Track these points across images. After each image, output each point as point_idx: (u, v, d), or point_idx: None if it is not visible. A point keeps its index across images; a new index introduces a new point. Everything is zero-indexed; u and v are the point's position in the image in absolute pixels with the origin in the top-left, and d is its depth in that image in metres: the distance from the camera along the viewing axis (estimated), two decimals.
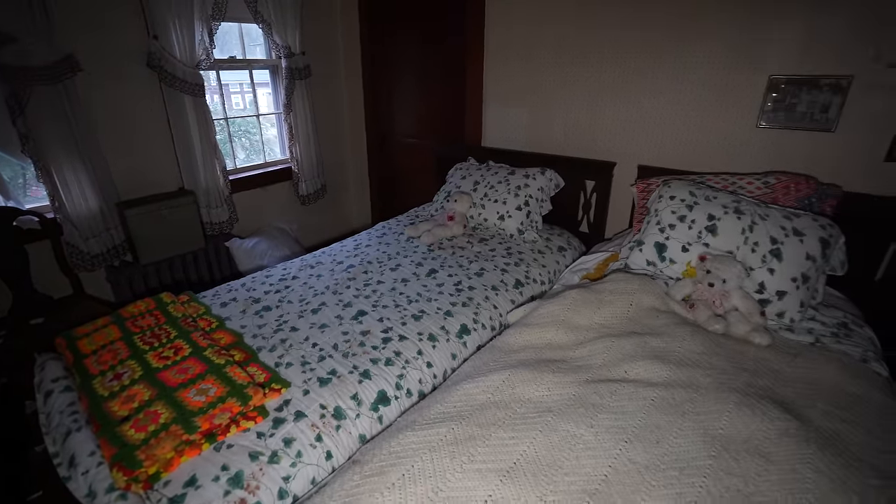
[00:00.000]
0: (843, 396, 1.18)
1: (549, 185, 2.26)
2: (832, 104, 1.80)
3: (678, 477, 0.92)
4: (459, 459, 0.97)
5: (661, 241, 1.69)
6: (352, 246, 2.23)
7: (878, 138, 1.75)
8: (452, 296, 1.70)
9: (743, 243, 1.56)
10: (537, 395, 1.15)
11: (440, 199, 2.50)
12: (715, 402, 1.11)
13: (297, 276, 1.93)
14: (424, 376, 1.39)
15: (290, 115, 3.05)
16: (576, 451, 0.98)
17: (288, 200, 3.35)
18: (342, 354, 1.40)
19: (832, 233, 1.56)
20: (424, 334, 1.49)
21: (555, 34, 2.35)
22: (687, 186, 1.76)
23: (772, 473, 0.93)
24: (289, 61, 2.90)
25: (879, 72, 1.69)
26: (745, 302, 1.48)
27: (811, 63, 1.81)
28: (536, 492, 0.89)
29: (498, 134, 2.74)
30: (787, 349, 1.38)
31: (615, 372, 1.23)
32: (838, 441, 1.02)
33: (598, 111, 2.33)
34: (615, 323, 1.44)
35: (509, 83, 2.59)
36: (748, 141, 1.99)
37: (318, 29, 3.19)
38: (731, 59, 1.95)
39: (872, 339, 1.48)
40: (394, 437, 1.06)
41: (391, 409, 1.28)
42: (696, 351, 1.31)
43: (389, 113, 3.38)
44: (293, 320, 1.59)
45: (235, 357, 1.36)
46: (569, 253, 2.19)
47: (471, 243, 2.12)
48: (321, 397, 1.23)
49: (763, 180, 1.83)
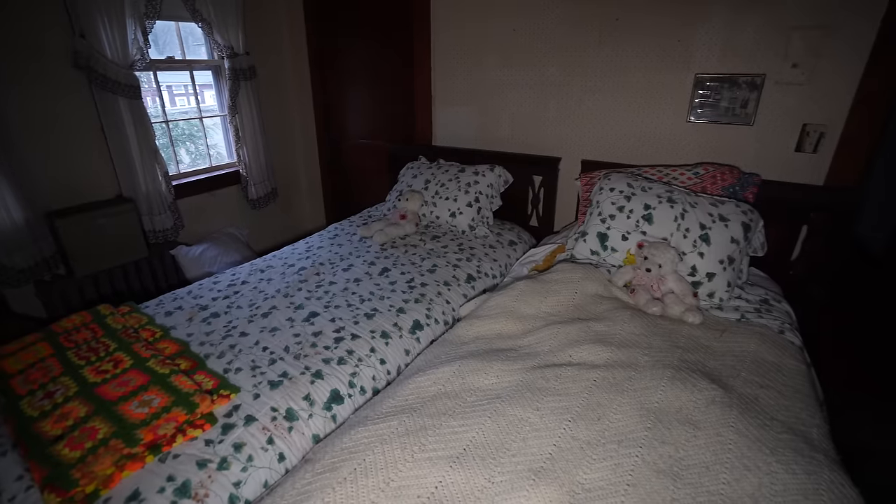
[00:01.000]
0: (762, 365, 1.29)
1: (498, 181, 2.32)
2: (750, 100, 1.96)
3: (616, 449, 0.98)
4: (410, 450, 0.99)
5: (602, 231, 1.78)
6: (303, 248, 2.20)
7: (790, 131, 1.91)
8: (405, 293, 1.72)
9: (676, 230, 1.67)
10: (487, 384, 1.19)
11: (392, 199, 2.51)
12: (651, 378, 1.19)
13: (246, 280, 1.89)
14: (378, 373, 1.40)
15: (235, 118, 2.96)
16: (523, 433, 1.03)
17: (237, 205, 3.25)
18: (294, 356, 1.39)
19: (752, 217, 1.69)
20: (377, 332, 1.50)
21: (499, 35, 2.41)
22: (625, 178, 1.86)
23: (699, 439, 1.01)
24: (232, 62, 2.82)
25: (786, 71, 1.85)
26: (680, 284, 1.59)
27: (730, 63, 1.95)
28: (485, 474, 0.93)
29: (448, 133, 2.78)
30: (716, 325, 1.49)
31: (560, 357, 1.29)
32: (756, 404, 1.12)
33: (542, 109, 2.41)
34: (561, 311, 1.51)
35: (457, 83, 2.64)
36: (680, 135, 2.13)
37: (261, 29, 3.11)
38: (661, 59, 2.07)
39: (789, 312, 1.62)
40: (346, 434, 1.07)
41: (345, 407, 1.28)
42: (635, 332, 1.39)
43: (341, 113, 3.35)
44: (243, 325, 1.56)
45: (181, 366, 1.32)
46: (519, 246, 2.26)
47: (423, 241, 2.15)
48: (272, 400, 1.22)
49: (693, 171, 1.96)
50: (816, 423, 1.10)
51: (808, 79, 1.83)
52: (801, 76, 1.84)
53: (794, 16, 1.80)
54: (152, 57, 2.51)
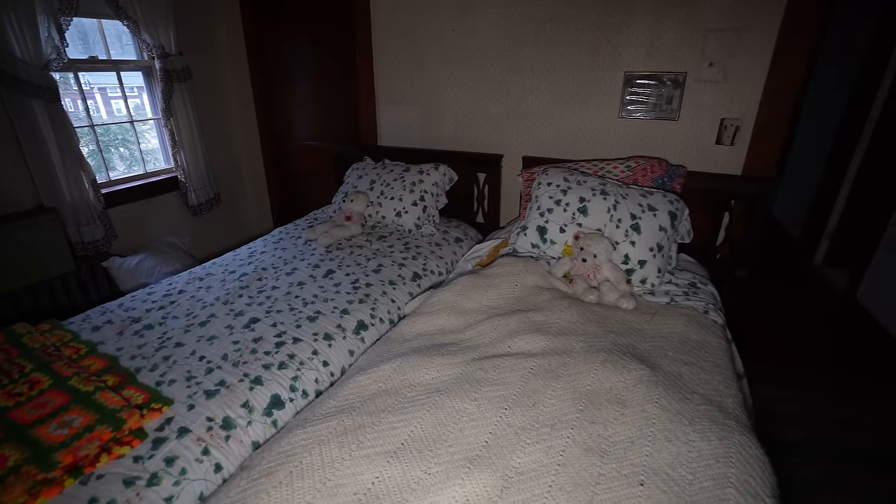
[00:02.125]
0: (687, 343, 1.38)
1: (443, 179, 2.35)
2: (674, 97, 2.08)
3: (549, 432, 1.02)
4: (348, 448, 0.99)
5: (541, 225, 1.84)
6: (246, 254, 2.14)
7: (710, 125, 2.05)
8: (349, 294, 1.71)
9: (609, 221, 1.75)
10: (427, 379, 1.20)
11: (338, 200, 2.48)
12: (584, 363, 1.24)
13: (184, 290, 1.81)
14: (321, 375, 1.38)
15: (170, 121, 2.83)
16: (460, 423, 1.05)
17: (177, 212, 3.10)
18: (232, 364, 1.35)
19: (678, 207, 1.80)
20: (320, 334, 1.49)
21: (439, 35, 2.43)
22: (561, 173, 1.93)
23: (626, 416, 1.07)
24: (164, 62, 2.69)
25: (704, 69, 1.98)
26: (614, 273, 1.67)
27: (655, 62, 2.07)
28: (421, 466, 0.94)
29: (393, 132, 2.77)
30: (647, 310, 1.57)
31: (500, 348, 1.32)
32: (679, 380, 1.20)
33: (484, 108, 2.46)
34: (502, 303, 1.54)
35: (400, 83, 2.64)
36: (613, 130, 2.23)
37: (195, 28, 2.99)
38: (593, 58, 2.16)
39: (713, 293, 1.74)
40: (284, 438, 1.05)
41: (286, 411, 1.26)
42: (571, 320, 1.45)
43: (284, 115, 3.26)
44: (178, 336, 1.50)
45: (108, 382, 1.25)
46: (465, 243, 2.29)
47: (369, 241, 2.14)
48: (208, 410, 1.18)
49: (626, 164, 2.06)
50: (732, 394, 1.19)
51: (724, 77, 1.97)
52: (718, 74, 1.98)
53: (708, 18, 1.93)
54: (75, 56, 2.36)
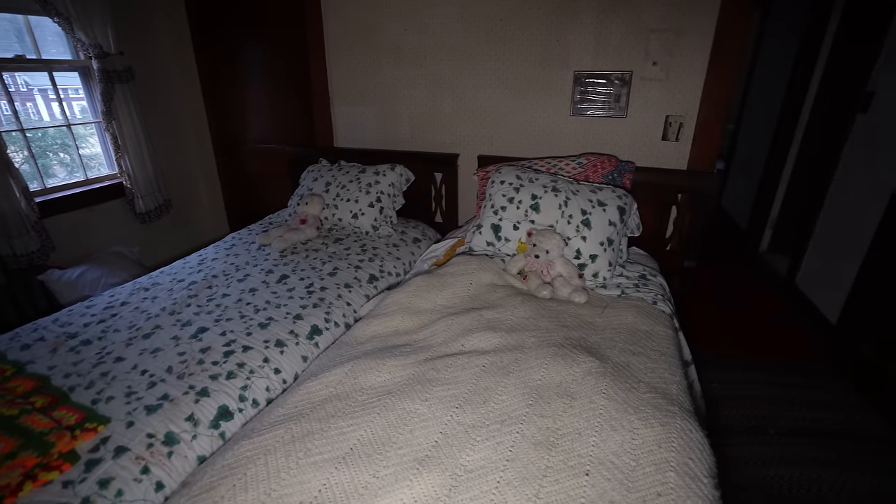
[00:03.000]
0: (636, 334, 1.42)
1: (399, 180, 2.33)
2: (622, 95, 2.14)
3: (499, 428, 1.03)
4: (295, 456, 0.96)
5: (496, 223, 1.85)
6: (196, 262, 2.06)
7: (656, 122, 2.12)
8: (303, 298, 1.67)
9: (560, 217, 1.78)
10: (379, 381, 1.19)
11: (293, 204, 2.43)
12: (536, 358, 1.26)
13: (127, 301, 1.73)
14: (272, 383, 1.35)
15: (112, 124, 2.69)
16: (410, 425, 1.04)
17: (124, 220, 2.96)
18: (177, 376, 1.30)
19: (627, 201, 1.85)
20: (271, 341, 1.44)
21: (392, 34, 2.42)
22: (514, 171, 1.95)
23: (575, 408, 1.09)
24: (102, 62, 2.55)
25: (649, 68, 2.05)
26: (567, 268, 1.70)
27: (603, 61, 2.12)
28: (370, 470, 0.93)
29: (349, 133, 2.74)
30: (599, 303, 1.61)
31: (453, 347, 1.32)
32: (627, 370, 1.23)
33: (439, 107, 2.46)
34: (456, 302, 1.55)
35: (355, 83, 2.61)
36: (565, 128, 2.27)
37: (137, 26, 2.86)
38: (544, 58, 2.20)
39: (663, 284, 1.80)
40: (229, 450, 1.02)
41: (235, 422, 1.22)
42: (525, 316, 1.47)
43: (237, 117, 3.17)
44: (119, 350, 1.42)
45: (37, 403, 1.17)
46: (424, 243, 2.28)
47: (325, 244, 2.10)
48: (148, 426, 1.12)
49: (577, 161, 2.10)
50: (676, 381, 1.23)
51: (667, 75, 2.05)
52: (661, 73, 2.05)
53: (650, 19, 1.99)
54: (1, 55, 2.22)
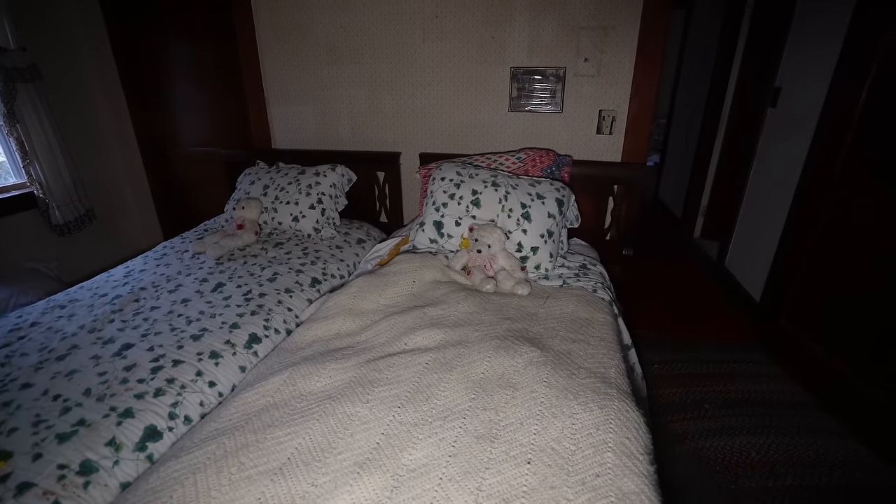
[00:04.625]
0: (576, 322, 1.46)
1: (341, 180, 2.28)
2: (557, 91, 2.20)
3: (441, 424, 1.02)
4: (228, 472, 0.91)
5: (437, 220, 1.85)
6: (121, 274, 1.91)
7: (590, 116, 2.20)
8: (240, 306, 1.59)
9: (501, 211, 1.81)
10: (319, 386, 1.15)
11: (230, 209, 2.31)
12: (478, 351, 1.26)
13: (38, 321, 1.57)
14: (207, 397, 1.27)
15: (16, 128, 2.45)
16: (351, 428, 1.01)
17: (37, 233, 2.70)
18: (97, 399, 1.19)
19: (565, 194, 1.90)
20: (205, 353, 1.36)
21: (327, 32, 2.36)
22: (454, 167, 1.96)
23: (517, 399, 1.10)
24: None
25: (580, 64, 2.12)
26: (509, 261, 1.72)
27: (537, 58, 2.17)
28: (308, 479, 0.89)
29: (288, 135, 2.64)
30: (541, 294, 1.64)
31: (396, 346, 1.30)
32: (567, 357, 1.26)
33: (378, 105, 2.42)
34: (399, 301, 1.53)
35: (290, 83, 2.52)
36: (503, 123, 2.31)
37: (42, 20, 2.62)
38: (480, 54, 2.22)
39: (602, 273, 1.86)
40: (154, 473, 0.94)
41: (164, 442, 1.14)
42: (468, 311, 1.47)
43: (166, 119, 2.98)
44: (27, 376, 1.29)
45: None
46: (368, 244, 2.24)
47: (265, 249, 2.01)
48: (60, 456, 1.02)
49: (517, 156, 2.14)
50: (615, 364, 1.27)
51: (598, 71, 2.12)
52: (592, 69, 2.12)
53: (580, 17, 2.06)
54: None
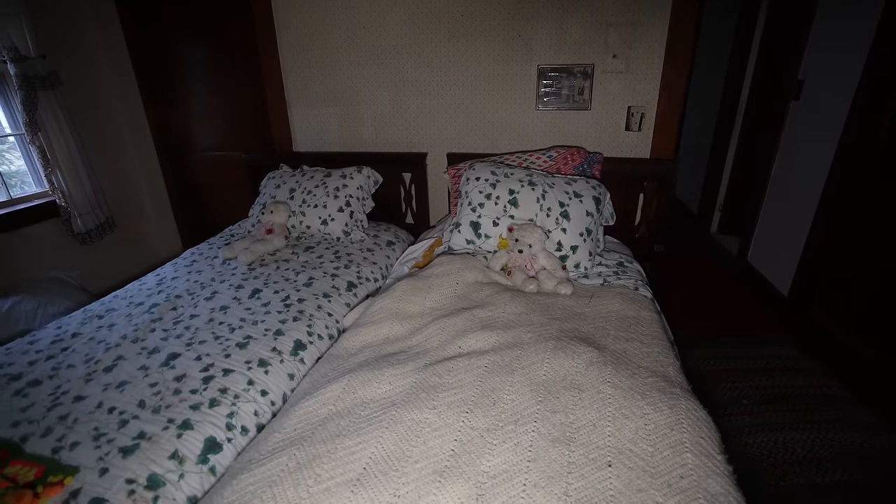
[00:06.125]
0: (625, 321, 1.45)
1: (367, 182, 2.26)
2: (585, 88, 2.18)
3: (514, 429, 1.01)
4: (305, 484, 0.89)
5: (474, 220, 1.83)
6: (154, 282, 1.89)
7: (619, 113, 2.18)
8: (281, 313, 1.57)
9: (539, 210, 1.79)
10: (380, 393, 1.13)
11: (256, 213, 2.29)
12: (536, 353, 1.25)
13: (78, 332, 1.55)
14: (260, 407, 1.25)
15: (37, 137, 2.43)
16: (423, 436, 1.00)
17: (60, 242, 2.68)
18: (152, 411, 1.17)
19: (601, 191, 1.89)
20: (253, 361, 1.34)
21: (349, 32, 2.33)
22: (488, 167, 1.94)
23: (584, 400, 1.09)
24: (20, 67, 2.29)
25: (609, 61, 2.10)
26: (550, 260, 1.70)
27: (565, 55, 2.15)
28: (389, 489, 0.88)
29: (309, 137, 2.62)
30: (584, 293, 1.63)
31: (450, 350, 1.28)
32: (625, 357, 1.24)
33: (403, 106, 2.40)
34: (445, 303, 1.51)
35: (312, 85, 2.50)
36: (531, 122, 2.29)
37: (60, 27, 2.59)
38: (507, 53, 2.20)
39: (639, 270, 1.85)
40: (227, 486, 0.93)
41: (225, 454, 1.12)
42: (516, 312, 1.46)
43: (185, 125, 2.95)
44: (77, 388, 1.27)
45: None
46: (398, 246, 2.23)
47: (296, 254, 1.99)
48: (127, 470, 1.01)
49: (548, 154, 2.12)
50: (671, 362, 1.26)
51: (627, 67, 2.10)
52: (621, 65, 2.11)
53: (608, 13, 2.04)
54: None
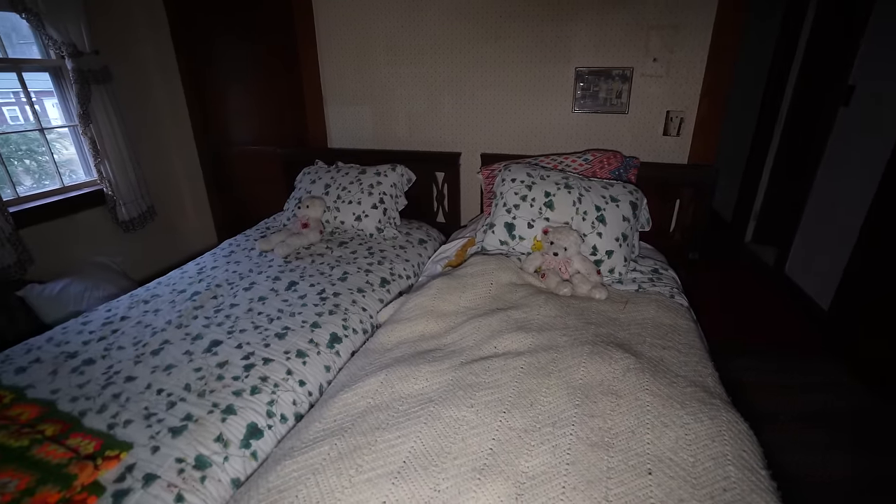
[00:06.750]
0: (661, 328, 1.43)
1: (401, 180, 2.29)
2: (623, 91, 2.16)
3: (552, 431, 1.01)
4: (347, 474, 0.92)
5: (509, 221, 1.84)
6: (194, 270, 1.96)
7: (657, 117, 2.15)
8: (317, 305, 1.61)
9: (575, 213, 1.78)
10: (417, 389, 1.15)
11: (291, 207, 2.35)
12: (572, 356, 1.25)
13: (126, 315, 1.63)
14: (298, 396, 1.29)
15: (89, 128, 2.54)
16: (461, 433, 1.01)
17: (105, 229, 2.80)
18: (197, 394, 1.22)
19: (638, 196, 1.87)
20: (292, 352, 1.38)
21: (387, 32, 2.36)
22: (524, 169, 1.94)
23: (622, 406, 1.08)
24: (76, 62, 2.40)
25: (649, 64, 2.07)
26: (584, 264, 1.70)
27: (604, 57, 2.13)
28: (429, 484, 0.89)
29: (343, 134, 2.67)
30: (619, 298, 1.61)
31: (486, 349, 1.29)
32: (663, 365, 1.23)
33: (438, 105, 2.42)
34: (480, 303, 1.52)
35: (348, 83, 2.54)
36: (567, 124, 2.28)
37: (112, 23, 2.70)
38: (544, 54, 2.19)
39: (674, 278, 1.82)
40: (271, 471, 0.96)
41: (266, 441, 1.16)
42: (551, 315, 1.46)
43: (223, 119, 3.04)
44: (128, 369, 1.33)
45: (47, 432, 1.08)
46: (429, 244, 2.25)
47: (330, 248, 2.04)
48: (176, 450, 1.05)
49: (583, 157, 2.11)
50: (710, 372, 1.24)
51: (667, 71, 2.07)
52: (661, 69, 2.08)
53: (650, 16, 2.01)
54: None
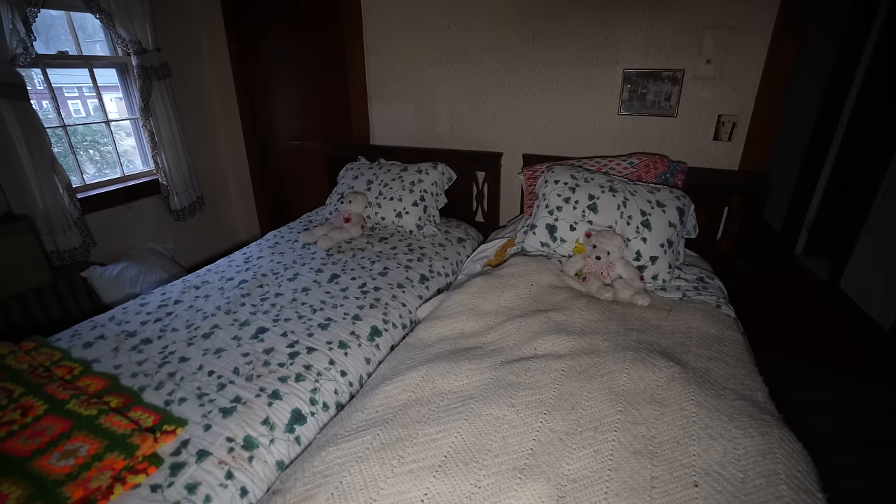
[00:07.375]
0: (707, 339, 1.39)
1: (442, 178, 2.30)
2: (672, 93, 2.10)
3: (594, 436, 1.00)
4: (390, 464, 0.94)
5: (551, 223, 1.82)
6: (241, 260, 2.04)
7: (708, 121, 2.08)
8: (359, 299, 1.65)
9: (619, 217, 1.75)
10: (457, 385, 1.16)
11: (333, 202, 2.41)
12: (614, 362, 1.23)
13: (179, 299, 1.71)
14: (340, 386, 1.32)
15: (149, 121, 2.68)
16: (502, 431, 1.02)
17: (158, 217, 2.95)
18: (245, 378, 1.28)
19: (685, 202, 1.81)
20: (334, 342, 1.42)
21: (433, 31, 2.39)
22: (568, 171, 1.92)
23: (666, 415, 1.06)
24: (141, 59, 2.54)
25: (701, 66, 2.00)
26: (627, 269, 1.66)
27: (653, 59, 2.08)
28: (470, 479, 0.90)
29: (386, 131, 2.71)
30: (663, 306, 1.57)
31: (526, 350, 1.29)
32: (709, 376, 1.20)
33: (480, 105, 2.42)
34: (520, 304, 1.52)
35: (393, 81, 2.58)
36: (612, 127, 2.23)
37: (173, 22, 2.84)
38: (592, 55, 2.16)
39: (721, 287, 1.76)
40: (316, 456, 0.99)
41: (308, 427, 1.20)
42: (592, 319, 1.44)
43: (270, 114, 3.15)
44: (182, 350, 1.40)
45: (112, 403, 1.16)
46: (468, 243, 2.26)
47: (371, 243, 2.08)
48: (227, 429, 1.10)
49: (629, 161, 2.06)
50: (759, 387, 1.19)
51: (720, 73, 2.00)
52: (714, 71, 2.00)
53: (704, 16, 1.95)
54: (39, 52, 2.20)
